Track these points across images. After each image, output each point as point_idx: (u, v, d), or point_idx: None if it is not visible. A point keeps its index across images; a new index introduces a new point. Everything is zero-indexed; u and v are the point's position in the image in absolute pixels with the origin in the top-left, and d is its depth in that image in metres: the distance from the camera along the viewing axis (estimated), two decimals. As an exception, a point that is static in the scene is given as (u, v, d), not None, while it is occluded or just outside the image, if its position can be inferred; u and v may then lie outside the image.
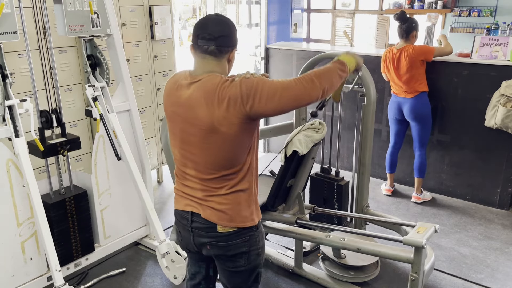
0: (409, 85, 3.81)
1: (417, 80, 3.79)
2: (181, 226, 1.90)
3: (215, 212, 1.77)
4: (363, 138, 3.09)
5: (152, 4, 3.91)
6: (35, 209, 2.44)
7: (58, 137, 2.75)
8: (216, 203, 1.77)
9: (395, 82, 3.90)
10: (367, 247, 2.30)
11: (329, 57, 3.07)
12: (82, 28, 2.66)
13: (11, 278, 2.58)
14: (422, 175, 4.05)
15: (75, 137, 2.80)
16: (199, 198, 1.80)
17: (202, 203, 1.79)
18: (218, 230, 1.78)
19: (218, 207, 1.77)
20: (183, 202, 1.86)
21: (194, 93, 1.68)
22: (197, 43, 1.70)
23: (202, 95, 1.65)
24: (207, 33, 1.67)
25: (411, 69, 3.74)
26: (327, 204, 3.26)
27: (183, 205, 1.86)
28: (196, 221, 1.82)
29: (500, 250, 3.34)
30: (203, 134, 1.68)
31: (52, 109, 2.74)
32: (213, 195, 1.77)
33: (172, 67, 4.25)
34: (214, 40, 1.67)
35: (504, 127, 3.65)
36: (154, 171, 4.43)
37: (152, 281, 2.96)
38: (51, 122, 2.69)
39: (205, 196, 1.78)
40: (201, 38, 1.68)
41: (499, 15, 6.05)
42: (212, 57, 1.70)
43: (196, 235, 1.84)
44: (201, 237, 1.83)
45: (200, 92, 1.66)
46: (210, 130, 1.66)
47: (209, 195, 1.77)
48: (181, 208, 1.87)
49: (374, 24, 7.21)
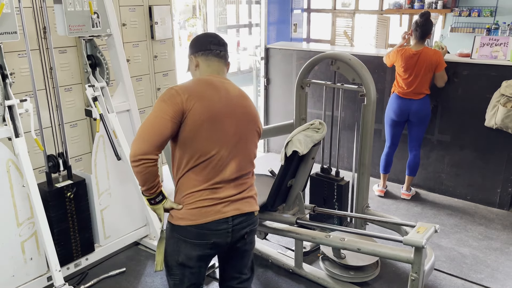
0: (419, 87, 3.80)
1: (427, 83, 3.81)
2: (215, 236, 1.88)
3: (253, 201, 1.98)
4: (363, 138, 3.09)
5: (152, 4, 3.91)
6: (35, 209, 2.44)
7: (65, 179, 2.82)
8: (251, 193, 1.97)
9: (405, 83, 3.84)
10: (367, 247, 2.29)
11: (329, 57, 3.08)
12: (82, 28, 2.66)
13: (11, 278, 2.58)
14: (414, 174, 4.11)
15: (81, 179, 2.85)
16: (236, 195, 1.90)
17: (240, 198, 1.92)
18: (255, 215, 2.00)
19: (253, 194, 1.99)
20: (218, 209, 1.86)
21: (236, 91, 1.92)
22: (210, 48, 1.91)
23: (241, 92, 1.94)
24: (217, 40, 1.94)
25: (427, 72, 3.75)
26: (327, 204, 3.26)
27: (221, 213, 1.86)
28: (236, 218, 1.90)
29: (500, 250, 3.34)
30: (255, 128, 1.95)
31: (58, 153, 2.78)
32: (247, 188, 1.95)
33: (172, 67, 4.25)
34: (223, 46, 1.95)
35: (504, 127, 3.65)
36: (154, 171, 4.43)
37: (152, 281, 2.96)
38: (58, 166, 2.76)
39: (241, 192, 1.92)
40: (213, 44, 1.92)
41: (499, 15, 6.05)
42: (223, 61, 1.95)
43: (236, 231, 1.92)
44: (242, 229, 1.94)
45: (239, 90, 1.94)
46: (257, 123, 1.96)
47: (244, 189, 1.93)
48: (220, 217, 1.86)
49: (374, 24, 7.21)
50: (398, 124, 4.01)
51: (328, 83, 3.27)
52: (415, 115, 3.87)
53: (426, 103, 3.87)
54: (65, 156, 2.79)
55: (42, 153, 2.74)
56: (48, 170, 2.74)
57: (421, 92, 3.82)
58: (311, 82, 3.28)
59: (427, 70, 3.75)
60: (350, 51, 4.20)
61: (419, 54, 3.75)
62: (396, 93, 3.95)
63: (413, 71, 3.78)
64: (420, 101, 3.84)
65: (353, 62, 2.95)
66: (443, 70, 3.77)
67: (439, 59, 3.74)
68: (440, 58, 3.75)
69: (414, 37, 3.81)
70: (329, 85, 3.24)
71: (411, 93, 3.85)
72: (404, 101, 3.90)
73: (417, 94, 3.83)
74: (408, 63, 3.79)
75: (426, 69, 3.75)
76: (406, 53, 3.81)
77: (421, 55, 3.74)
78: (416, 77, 3.78)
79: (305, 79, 3.27)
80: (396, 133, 4.06)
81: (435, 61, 3.73)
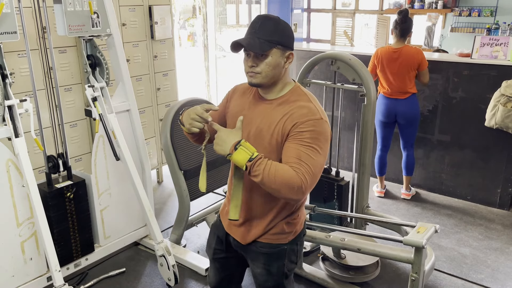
0: (403, 86, 3.77)
1: (411, 81, 3.77)
2: None
3: None
4: (363, 138, 3.09)
5: (152, 4, 3.90)
6: (35, 209, 2.43)
7: (65, 180, 2.82)
8: None
9: (388, 82, 3.82)
10: (367, 247, 2.30)
11: (329, 57, 3.08)
12: (82, 28, 2.66)
13: (11, 278, 2.58)
14: (411, 173, 4.10)
15: (81, 180, 2.85)
16: None
17: None
18: None
19: None
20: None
21: None
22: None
23: None
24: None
25: (409, 69, 3.72)
26: (327, 204, 3.26)
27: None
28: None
29: (500, 250, 3.34)
30: None
31: (58, 154, 2.78)
32: None
33: (172, 67, 4.24)
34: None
35: (504, 127, 3.64)
36: (154, 171, 4.43)
37: (152, 281, 2.96)
38: (58, 166, 2.76)
39: None
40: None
41: (499, 15, 6.05)
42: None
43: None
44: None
45: None
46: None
47: None
48: None
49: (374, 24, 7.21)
50: (387, 126, 3.97)
51: (328, 83, 3.27)
52: (402, 116, 3.83)
53: (413, 103, 3.82)
54: (65, 156, 2.79)
55: (42, 153, 2.74)
56: (48, 170, 2.74)
57: (405, 91, 3.78)
58: (311, 82, 3.28)
59: (409, 68, 3.71)
60: (350, 51, 4.20)
61: (399, 52, 3.71)
62: (382, 93, 3.92)
63: (394, 69, 3.74)
64: (406, 101, 3.80)
65: (353, 62, 2.95)
66: (426, 68, 3.73)
67: (421, 57, 3.70)
68: (422, 56, 3.71)
69: (395, 35, 3.77)
70: (329, 85, 3.24)
71: (396, 93, 3.81)
72: (390, 101, 3.86)
73: (402, 94, 3.79)
74: (388, 60, 3.76)
75: (408, 67, 3.70)
76: (386, 51, 3.78)
77: (402, 53, 3.70)
78: (398, 76, 3.75)
79: (305, 79, 3.27)
80: (387, 134, 4.02)
81: (417, 59, 3.69)
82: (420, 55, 3.70)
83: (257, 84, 1.63)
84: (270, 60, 1.59)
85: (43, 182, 2.76)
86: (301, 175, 1.49)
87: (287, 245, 1.80)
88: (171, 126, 3.05)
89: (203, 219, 3.48)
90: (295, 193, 1.50)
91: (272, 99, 1.68)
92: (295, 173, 1.49)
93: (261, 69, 1.59)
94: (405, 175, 4.12)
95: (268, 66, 1.59)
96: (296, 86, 1.70)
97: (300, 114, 1.57)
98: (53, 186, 2.74)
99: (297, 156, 1.52)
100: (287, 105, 1.63)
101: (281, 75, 1.65)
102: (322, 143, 1.56)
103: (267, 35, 1.57)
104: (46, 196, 2.66)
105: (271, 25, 1.59)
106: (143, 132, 3.26)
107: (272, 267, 1.82)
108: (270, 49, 1.57)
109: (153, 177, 4.44)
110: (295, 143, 1.55)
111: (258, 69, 1.59)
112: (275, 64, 1.60)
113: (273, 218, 1.75)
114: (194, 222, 3.42)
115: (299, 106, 1.60)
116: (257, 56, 1.58)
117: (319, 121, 1.57)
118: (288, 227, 1.78)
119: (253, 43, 1.56)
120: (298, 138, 1.55)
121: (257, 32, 1.58)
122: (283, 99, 1.66)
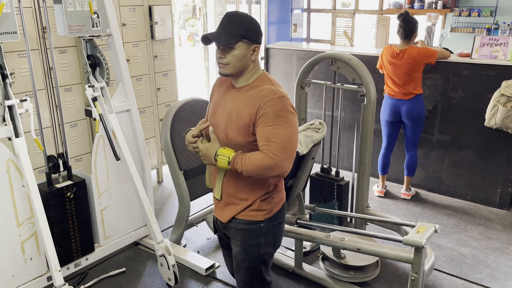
0: (407, 87, 3.78)
1: (416, 83, 3.78)
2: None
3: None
4: (363, 138, 3.09)
5: (152, 4, 3.91)
6: (35, 209, 2.43)
7: (65, 179, 2.83)
8: None
9: (392, 82, 3.85)
10: (367, 247, 2.30)
11: (329, 57, 3.08)
12: (82, 28, 2.66)
13: (11, 278, 2.58)
14: (413, 174, 4.11)
15: (81, 180, 2.85)
16: None
17: None
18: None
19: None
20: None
21: None
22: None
23: None
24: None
25: (413, 71, 3.73)
26: (327, 204, 3.26)
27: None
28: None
29: (500, 250, 3.34)
30: None
31: (58, 154, 2.78)
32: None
33: (172, 67, 4.25)
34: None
35: (504, 127, 3.65)
36: (154, 171, 4.44)
37: (152, 281, 2.96)
38: (58, 166, 2.76)
39: None
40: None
41: (499, 15, 6.05)
42: None
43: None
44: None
45: None
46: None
47: None
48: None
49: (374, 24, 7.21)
50: (393, 124, 4.00)
51: (328, 83, 3.27)
52: (407, 115, 3.85)
53: (418, 103, 3.83)
54: (65, 156, 2.79)
55: (42, 153, 2.74)
56: (48, 170, 2.74)
57: (410, 92, 3.79)
58: (311, 82, 3.28)
59: (414, 70, 3.72)
60: (350, 51, 4.20)
61: (403, 53, 3.72)
62: (387, 93, 3.95)
63: (398, 70, 3.75)
64: (410, 101, 3.81)
65: (353, 62, 2.95)
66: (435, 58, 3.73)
67: (426, 54, 3.70)
68: (426, 52, 3.71)
69: (400, 37, 3.79)
70: (329, 85, 3.24)
71: (400, 94, 3.83)
72: (394, 101, 3.88)
73: (406, 95, 3.81)
74: (392, 61, 3.78)
75: (413, 68, 3.71)
76: (390, 52, 3.80)
77: (405, 54, 3.71)
78: (402, 77, 3.76)
79: (305, 79, 3.27)
80: (392, 133, 4.05)
81: (422, 57, 3.70)
82: (422, 55, 3.70)
83: (226, 74, 1.81)
84: (237, 52, 1.75)
85: (43, 182, 2.76)
86: (271, 153, 1.69)
87: (263, 222, 1.93)
88: (171, 126, 3.05)
89: (203, 219, 3.48)
90: (273, 170, 1.71)
91: (241, 87, 1.85)
92: (264, 155, 1.70)
93: (229, 60, 1.76)
94: (406, 176, 4.12)
95: (234, 58, 1.76)
96: (263, 74, 1.86)
97: (262, 95, 1.75)
98: (53, 186, 2.74)
99: (265, 138, 1.72)
100: (252, 90, 1.80)
101: (248, 66, 1.81)
102: (286, 116, 1.73)
103: (234, 30, 1.73)
104: (46, 196, 2.66)
105: (237, 21, 1.76)
106: (143, 132, 3.26)
107: (249, 246, 1.96)
108: (236, 42, 1.74)
109: (153, 177, 4.44)
110: (262, 127, 1.73)
111: (226, 60, 1.76)
112: (241, 56, 1.76)
113: (248, 196, 1.90)
114: (194, 222, 3.42)
115: (261, 89, 1.78)
116: (225, 48, 1.75)
117: (279, 98, 1.73)
118: (264, 204, 1.91)
119: (220, 38, 1.74)
120: (264, 121, 1.72)
121: (225, 27, 1.75)
122: (250, 86, 1.83)
